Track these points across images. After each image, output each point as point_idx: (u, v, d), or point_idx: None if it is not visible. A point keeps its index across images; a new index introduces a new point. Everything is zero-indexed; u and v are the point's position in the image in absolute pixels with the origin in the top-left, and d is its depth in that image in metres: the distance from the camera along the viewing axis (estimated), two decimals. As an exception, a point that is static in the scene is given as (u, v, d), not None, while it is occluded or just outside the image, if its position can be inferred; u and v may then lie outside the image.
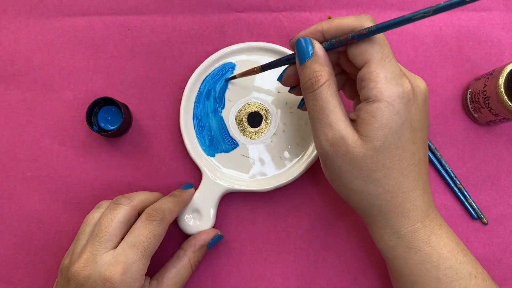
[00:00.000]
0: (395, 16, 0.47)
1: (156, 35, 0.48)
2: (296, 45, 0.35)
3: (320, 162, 0.37)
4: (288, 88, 0.40)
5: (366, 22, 0.33)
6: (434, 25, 0.48)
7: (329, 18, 0.47)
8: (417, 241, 0.35)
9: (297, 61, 0.36)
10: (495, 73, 0.41)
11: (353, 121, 0.34)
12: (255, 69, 0.42)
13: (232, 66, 0.46)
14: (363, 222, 0.46)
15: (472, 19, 0.48)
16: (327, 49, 0.35)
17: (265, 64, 0.41)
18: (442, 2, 0.28)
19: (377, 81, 0.32)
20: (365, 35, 0.32)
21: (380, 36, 0.33)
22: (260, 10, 0.48)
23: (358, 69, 0.35)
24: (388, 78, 0.32)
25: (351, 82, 0.39)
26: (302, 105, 0.41)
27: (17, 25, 0.47)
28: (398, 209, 0.35)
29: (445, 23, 0.48)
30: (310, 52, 0.34)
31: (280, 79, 0.39)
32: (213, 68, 0.46)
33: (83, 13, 0.48)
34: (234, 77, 0.45)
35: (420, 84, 0.35)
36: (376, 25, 0.32)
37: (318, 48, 0.34)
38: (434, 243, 0.36)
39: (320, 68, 0.34)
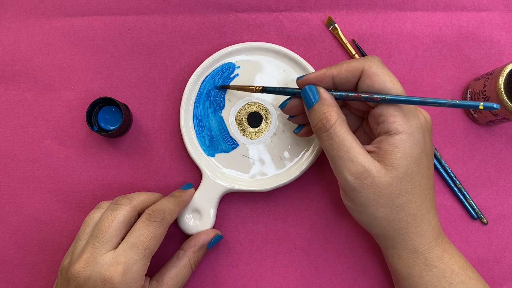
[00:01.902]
0: (394, 16, 0.48)
1: (156, 35, 0.48)
2: (302, 93, 0.38)
3: (343, 195, 0.38)
4: (287, 115, 0.42)
5: (373, 63, 0.36)
6: (434, 25, 0.48)
7: (329, 18, 0.47)
8: (433, 258, 0.37)
9: (305, 107, 0.38)
10: (495, 73, 0.41)
11: (370, 153, 0.36)
12: (255, 88, 0.42)
13: (232, 66, 0.46)
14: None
15: (472, 19, 0.48)
16: (338, 99, 0.37)
17: (267, 87, 0.41)
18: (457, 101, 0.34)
19: (395, 115, 0.35)
20: (377, 101, 0.35)
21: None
22: (260, 10, 0.48)
23: (365, 105, 0.38)
24: (406, 111, 0.36)
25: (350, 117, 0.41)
26: (299, 130, 0.42)
27: (17, 25, 0.47)
28: (417, 230, 0.37)
29: (445, 23, 0.48)
30: (317, 97, 0.37)
31: (282, 107, 0.41)
32: (213, 68, 0.46)
33: (83, 13, 0.48)
34: (228, 87, 0.45)
35: (426, 114, 0.38)
36: (391, 96, 0.35)
37: (323, 92, 0.37)
38: (446, 259, 0.38)
39: (328, 109, 0.36)
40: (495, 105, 0.32)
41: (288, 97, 0.40)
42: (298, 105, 0.40)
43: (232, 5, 0.48)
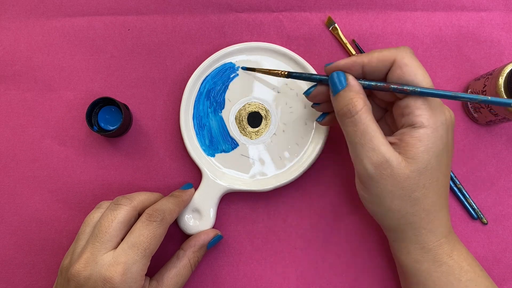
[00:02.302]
0: (394, 16, 0.48)
1: (156, 35, 0.48)
2: (330, 79, 0.37)
3: (359, 184, 0.38)
4: (311, 102, 0.42)
5: (406, 54, 0.35)
6: (434, 25, 0.48)
7: (329, 18, 0.47)
8: (442, 254, 0.37)
9: (331, 92, 0.37)
10: (495, 73, 0.41)
11: (392, 144, 0.36)
12: (280, 72, 0.41)
13: (232, 66, 0.46)
14: (363, 222, 0.46)
15: (472, 19, 0.48)
16: (365, 88, 0.37)
17: (293, 73, 0.40)
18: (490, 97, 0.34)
19: (422, 109, 0.35)
20: (407, 93, 0.35)
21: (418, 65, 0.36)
22: (260, 10, 0.48)
23: (391, 96, 0.37)
24: (432, 106, 0.35)
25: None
26: (322, 119, 0.42)
27: (17, 25, 0.47)
28: (428, 225, 0.37)
29: (444, 23, 0.48)
30: (344, 83, 0.36)
31: (307, 94, 0.40)
32: (213, 68, 0.46)
33: (83, 13, 0.48)
34: (254, 70, 0.44)
35: (450, 111, 0.37)
36: (421, 88, 0.35)
37: (352, 79, 0.37)
38: (456, 256, 0.37)
39: (355, 96, 0.36)
40: None
41: (313, 84, 0.40)
42: (323, 92, 0.39)
43: (232, 5, 0.48)
